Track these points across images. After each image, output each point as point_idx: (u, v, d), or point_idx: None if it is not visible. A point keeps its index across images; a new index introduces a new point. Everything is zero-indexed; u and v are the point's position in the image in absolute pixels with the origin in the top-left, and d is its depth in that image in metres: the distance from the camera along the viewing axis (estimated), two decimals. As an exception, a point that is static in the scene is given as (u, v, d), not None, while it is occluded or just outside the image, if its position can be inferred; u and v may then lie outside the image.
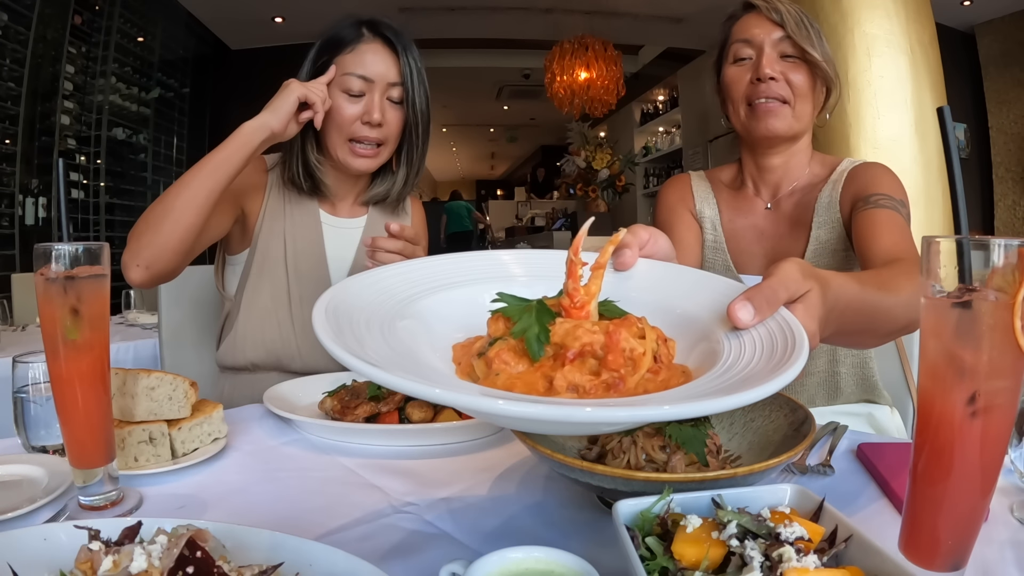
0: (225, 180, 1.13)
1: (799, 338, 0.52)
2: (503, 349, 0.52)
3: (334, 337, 0.46)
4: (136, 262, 1.11)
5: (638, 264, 0.69)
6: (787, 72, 1.19)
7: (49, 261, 0.67)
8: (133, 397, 0.82)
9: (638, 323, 0.54)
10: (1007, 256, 0.46)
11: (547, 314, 0.53)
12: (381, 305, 0.57)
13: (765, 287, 0.57)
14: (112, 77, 5.03)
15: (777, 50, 1.20)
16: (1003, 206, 6.14)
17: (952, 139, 0.55)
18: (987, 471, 0.50)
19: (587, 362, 0.51)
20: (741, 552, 0.45)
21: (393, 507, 0.72)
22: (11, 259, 4.07)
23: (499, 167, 16.73)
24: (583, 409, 0.42)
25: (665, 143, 8.16)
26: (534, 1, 6.00)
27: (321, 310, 0.51)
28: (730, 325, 0.56)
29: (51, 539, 0.49)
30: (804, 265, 0.61)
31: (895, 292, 0.79)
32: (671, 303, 0.64)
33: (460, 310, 0.61)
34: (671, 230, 1.33)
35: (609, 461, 0.71)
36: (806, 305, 0.59)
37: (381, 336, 0.51)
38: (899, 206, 1.12)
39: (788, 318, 0.56)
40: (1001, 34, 6.05)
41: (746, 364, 0.51)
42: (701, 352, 0.57)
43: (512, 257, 0.70)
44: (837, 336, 0.76)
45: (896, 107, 2.83)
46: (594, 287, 0.57)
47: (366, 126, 1.26)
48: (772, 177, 1.29)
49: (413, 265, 0.67)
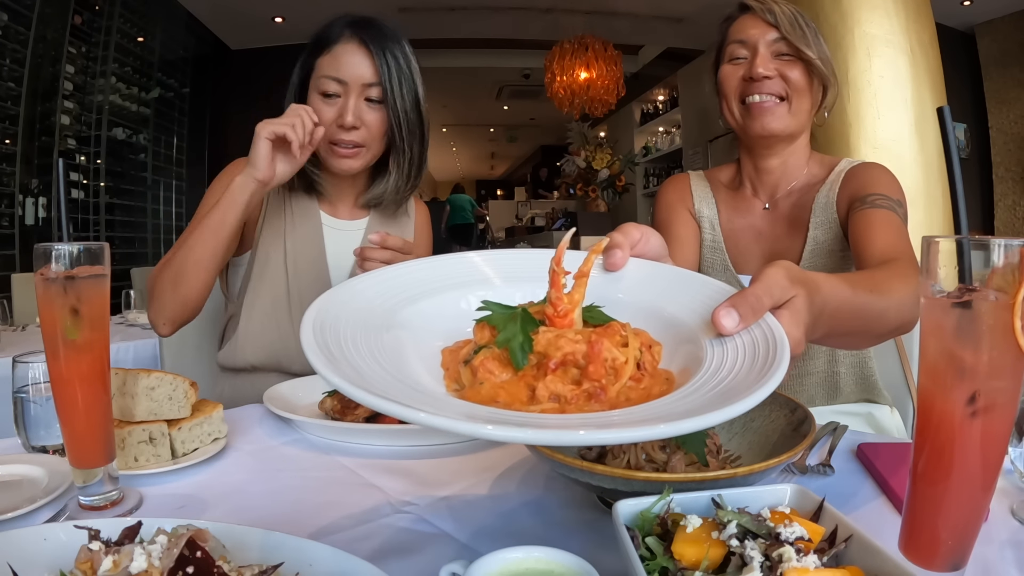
0: (227, 239, 1.16)
1: (781, 348, 0.52)
2: (488, 358, 0.53)
3: (327, 363, 0.47)
4: (162, 320, 1.19)
5: (628, 264, 0.69)
6: (783, 69, 1.19)
7: (49, 261, 0.67)
8: (133, 397, 0.82)
9: (621, 331, 0.55)
10: (1007, 256, 0.46)
11: (531, 323, 0.54)
12: (365, 319, 0.57)
13: (749, 294, 0.57)
14: (112, 77, 5.03)
15: (772, 50, 1.20)
16: (1003, 206, 6.14)
17: (952, 139, 0.55)
18: (987, 471, 0.50)
19: (569, 371, 0.52)
20: (741, 552, 0.45)
21: (393, 507, 0.72)
22: (11, 259, 4.07)
23: (499, 167, 16.73)
24: (576, 433, 0.42)
25: (665, 143, 8.16)
26: (534, 1, 6.00)
27: (308, 328, 0.51)
28: (715, 331, 0.56)
29: (51, 539, 0.49)
30: (792, 269, 0.61)
31: (887, 294, 0.79)
32: (658, 305, 0.64)
33: (442, 317, 0.62)
34: (669, 229, 1.33)
35: (609, 461, 0.71)
36: (792, 311, 0.58)
37: (370, 353, 0.52)
38: (896, 206, 1.12)
39: (772, 325, 0.56)
40: (1001, 34, 6.05)
41: (727, 373, 0.51)
42: (685, 355, 0.58)
43: (484, 259, 0.70)
44: (829, 338, 0.76)
45: (896, 107, 2.84)
46: (577, 295, 0.58)
47: (341, 129, 1.24)
48: (770, 178, 1.29)
49: (390, 273, 0.67)
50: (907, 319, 0.85)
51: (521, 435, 0.43)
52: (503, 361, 0.53)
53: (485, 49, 7.41)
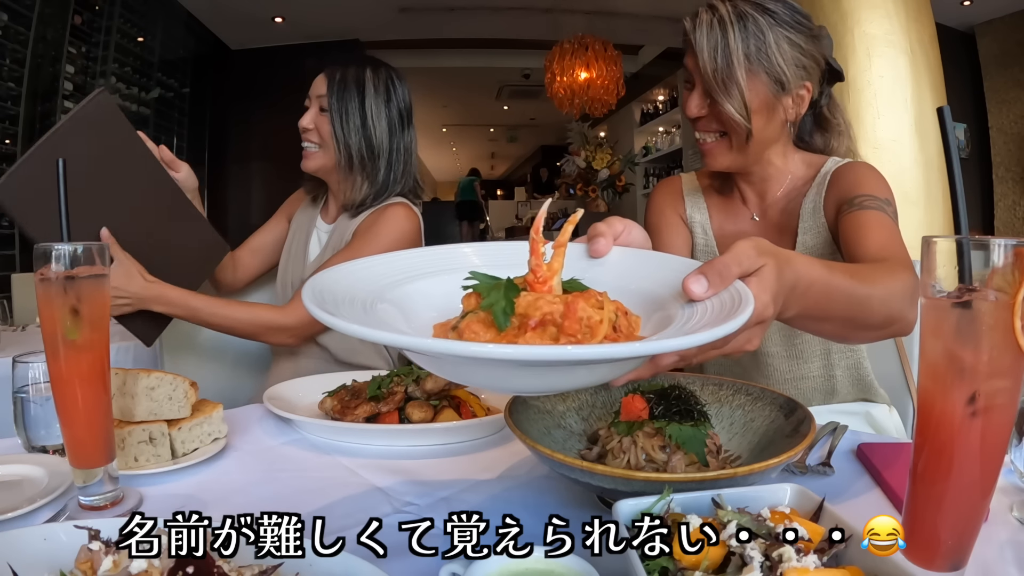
0: None
1: (745, 298, 0.55)
2: (473, 321, 0.56)
3: (317, 302, 0.52)
4: None
5: (612, 252, 0.71)
6: (715, 106, 1.12)
7: (49, 261, 0.67)
8: (133, 397, 0.82)
9: (598, 296, 0.58)
10: (1007, 256, 0.47)
11: (513, 289, 0.58)
12: (360, 290, 0.61)
13: (718, 262, 0.59)
14: (112, 77, 5.02)
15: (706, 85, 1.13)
16: (1003, 206, 6.14)
17: (952, 139, 0.55)
18: (987, 471, 0.50)
19: (548, 330, 0.55)
20: (741, 552, 0.45)
21: (393, 507, 0.72)
22: (11, 259, 4.07)
23: (499, 167, 16.73)
24: (540, 349, 0.46)
25: (665, 143, 8.15)
26: (534, 1, 5.99)
27: (308, 289, 0.56)
28: (687, 298, 0.59)
29: (51, 539, 0.49)
30: (761, 243, 0.62)
31: (870, 283, 0.78)
32: (635, 285, 0.67)
33: (431, 297, 0.65)
34: (661, 235, 1.33)
35: (609, 461, 0.71)
36: (759, 278, 0.60)
37: (362, 310, 0.57)
38: (884, 205, 1.09)
39: (739, 287, 0.58)
40: (1001, 34, 6.04)
41: (696, 322, 0.55)
42: (657, 320, 0.61)
43: (472, 249, 0.74)
44: (806, 320, 0.76)
45: (896, 107, 2.83)
46: (556, 264, 0.61)
47: (301, 131, 1.52)
48: (754, 187, 1.28)
49: (381, 259, 0.71)
50: (896, 313, 0.83)
51: (487, 350, 0.47)
52: (487, 323, 0.56)
53: (485, 49, 7.40)
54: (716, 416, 0.79)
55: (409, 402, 0.99)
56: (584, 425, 0.82)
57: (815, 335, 1.19)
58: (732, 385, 0.84)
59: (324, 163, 1.52)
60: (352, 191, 1.52)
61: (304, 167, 1.54)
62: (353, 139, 1.48)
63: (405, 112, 1.55)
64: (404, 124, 1.54)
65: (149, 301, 1.26)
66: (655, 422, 0.71)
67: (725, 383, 0.84)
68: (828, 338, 1.21)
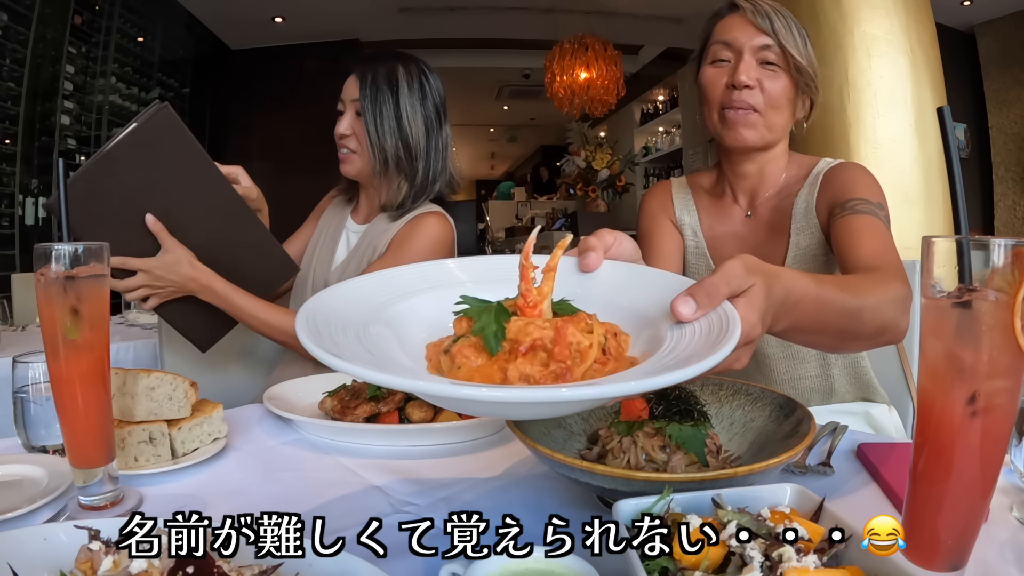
0: None
1: (732, 323, 0.55)
2: (464, 345, 0.57)
3: (314, 339, 0.52)
4: None
5: (603, 266, 0.71)
6: (764, 80, 1.15)
7: (49, 261, 0.67)
8: (133, 397, 0.82)
9: (587, 319, 0.59)
10: (1007, 256, 0.47)
11: (504, 314, 0.59)
12: (353, 313, 0.62)
13: (707, 283, 0.59)
14: (112, 77, 5.02)
15: (757, 57, 1.16)
16: (1003, 206, 6.14)
17: (952, 139, 0.55)
18: (987, 471, 0.50)
19: (538, 355, 0.56)
20: (741, 552, 0.45)
21: (393, 507, 0.72)
22: (11, 259, 4.07)
23: (499, 167, 16.72)
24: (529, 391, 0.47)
25: (665, 143, 8.15)
26: (534, 1, 5.99)
27: (302, 318, 0.56)
28: (675, 319, 0.59)
29: (51, 539, 0.49)
30: (751, 261, 0.63)
31: (860, 295, 0.79)
32: (626, 301, 0.67)
33: (422, 316, 0.67)
34: (652, 240, 1.33)
35: (609, 461, 0.71)
36: (748, 299, 0.60)
37: (356, 339, 0.57)
38: (877, 209, 1.09)
39: (727, 309, 0.58)
40: (1001, 34, 6.04)
41: (683, 349, 0.55)
42: (646, 340, 0.61)
43: (457, 264, 0.76)
44: (797, 333, 0.77)
45: (896, 107, 2.83)
46: (546, 288, 0.62)
47: (339, 138, 1.50)
48: (748, 184, 1.28)
49: (372, 279, 0.72)
50: (887, 322, 0.84)
51: (479, 393, 0.49)
52: (478, 348, 0.57)
53: (485, 49, 7.39)
54: (716, 416, 0.79)
55: (409, 402, 0.99)
56: (584, 425, 0.82)
57: (807, 347, 1.20)
58: (732, 385, 0.84)
59: (363, 167, 1.50)
60: (391, 192, 1.50)
61: (344, 172, 1.52)
62: (389, 142, 1.45)
63: (441, 107, 1.51)
64: (441, 120, 1.51)
65: (195, 287, 1.24)
66: (655, 422, 0.71)
67: (725, 383, 0.84)
68: (821, 349, 1.22)
